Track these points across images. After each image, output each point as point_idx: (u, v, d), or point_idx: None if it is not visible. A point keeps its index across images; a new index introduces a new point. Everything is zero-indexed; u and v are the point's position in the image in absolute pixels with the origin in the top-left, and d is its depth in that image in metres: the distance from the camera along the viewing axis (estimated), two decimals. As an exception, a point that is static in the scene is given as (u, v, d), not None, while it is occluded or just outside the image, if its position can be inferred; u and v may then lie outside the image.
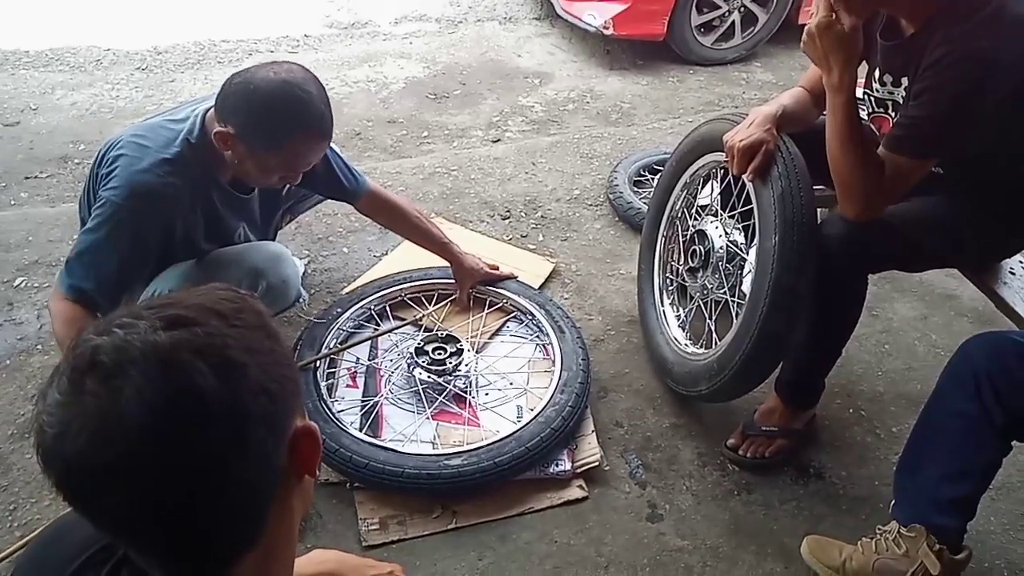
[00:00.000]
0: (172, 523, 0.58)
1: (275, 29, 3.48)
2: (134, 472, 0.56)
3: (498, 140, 2.96)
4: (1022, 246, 1.65)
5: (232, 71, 1.50)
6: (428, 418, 1.75)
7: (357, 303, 1.99)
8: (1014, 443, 1.37)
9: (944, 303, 2.22)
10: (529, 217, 2.50)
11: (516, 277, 2.08)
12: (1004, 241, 1.62)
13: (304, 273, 2.18)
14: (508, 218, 2.49)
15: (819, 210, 1.59)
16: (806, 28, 1.43)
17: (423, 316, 2.01)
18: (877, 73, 1.52)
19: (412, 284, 2.06)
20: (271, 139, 1.46)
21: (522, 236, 2.42)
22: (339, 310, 1.96)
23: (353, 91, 3.14)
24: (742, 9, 3.43)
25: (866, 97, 1.58)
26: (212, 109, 1.51)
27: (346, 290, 2.10)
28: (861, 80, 1.52)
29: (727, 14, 3.44)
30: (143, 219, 1.47)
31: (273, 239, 1.92)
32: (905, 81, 1.45)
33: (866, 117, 1.59)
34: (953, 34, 1.31)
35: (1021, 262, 1.74)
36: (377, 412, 1.77)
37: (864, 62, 1.51)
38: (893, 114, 1.51)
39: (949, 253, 1.63)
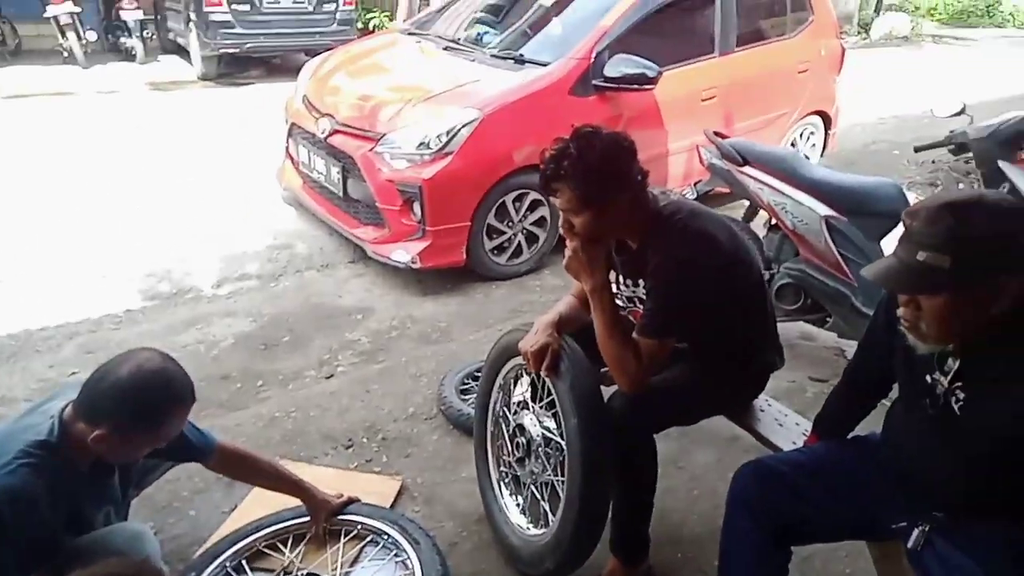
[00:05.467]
0: None
1: (94, 309, 3.57)
2: None
3: (331, 376, 3.18)
4: (761, 389, 2.11)
5: (52, 359, 1.64)
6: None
7: (211, 563, 1.99)
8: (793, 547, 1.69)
9: (731, 444, 2.62)
10: (371, 442, 2.68)
11: (359, 499, 2.19)
12: (745, 388, 2.08)
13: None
14: (351, 446, 2.65)
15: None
16: (565, 254, 1.87)
17: (283, 563, 2.05)
18: (621, 279, 1.99)
19: (266, 531, 2.10)
20: (150, 423, 1.61)
21: (367, 461, 2.58)
22: (193, 574, 1.96)
23: (182, 356, 3.21)
24: (524, 232, 4.07)
25: (619, 296, 2.03)
26: (68, 409, 1.61)
27: (198, 553, 2.10)
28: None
29: (513, 237, 4.05)
30: (22, 521, 1.49)
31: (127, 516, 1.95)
32: (641, 283, 1.91)
33: (624, 310, 2.03)
34: (660, 246, 1.79)
35: (767, 401, 2.19)
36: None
37: (612, 271, 1.98)
38: (640, 307, 1.94)
39: (710, 405, 2.05)
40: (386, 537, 2.10)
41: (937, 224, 1.27)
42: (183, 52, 9.49)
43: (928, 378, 1.43)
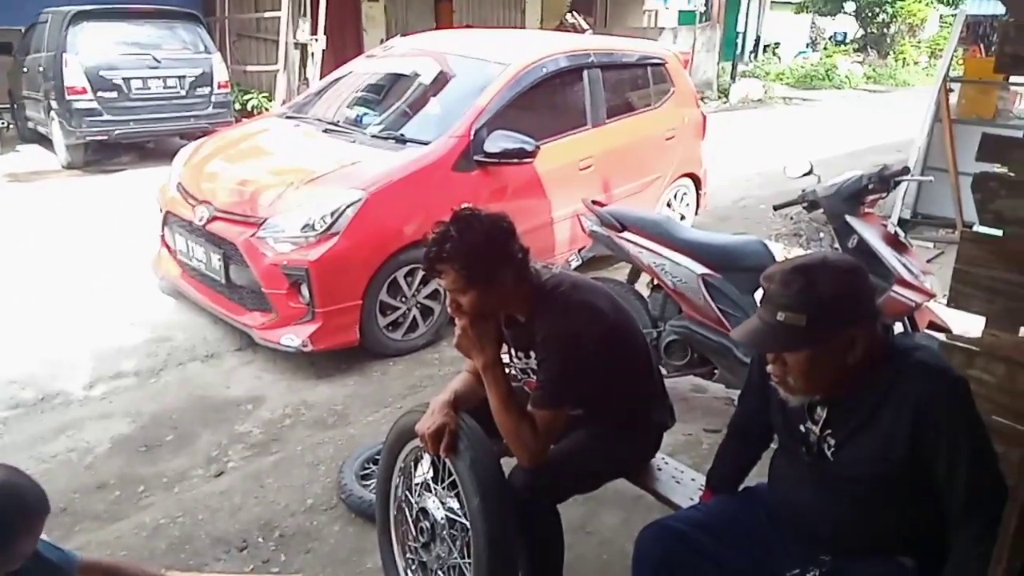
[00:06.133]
0: None
1: (-53, 422, 3.25)
2: None
3: (221, 473, 3.01)
4: (656, 448, 2.18)
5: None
6: None
7: None
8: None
9: (636, 503, 2.66)
10: (267, 540, 2.54)
11: None
12: (641, 449, 2.14)
13: None
14: (245, 548, 2.50)
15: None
16: (455, 332, 1.89)
17: None
18: (512, 351, 2.02)
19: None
20: (2, 542, 1.46)
21: (264, 562, 2.44)
22: None
23: (51, 466, 3.00)
24: (419, 305, 4.07)
25: (512, 367, 2.06)
26: None
27: None
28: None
29: (407, 312, 4.03)
30: None
31: None
32: (533, 354, 1.94)
33: (518, 382, 2.06)
34: (546, 319, 1.85)
35: (664, 459, 2.26)
36: None
37: (504, 344, 2.01)
38: (533, 377, 1.98)
39: (609, 470, 2.09)
40: (288, 645, 1.99)
41: (791, 286, 1.39)
42: (45, 140, 9.03)
43: (801, 427, 1.54)
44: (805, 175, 3.27)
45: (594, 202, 3.54)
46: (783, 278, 1.41)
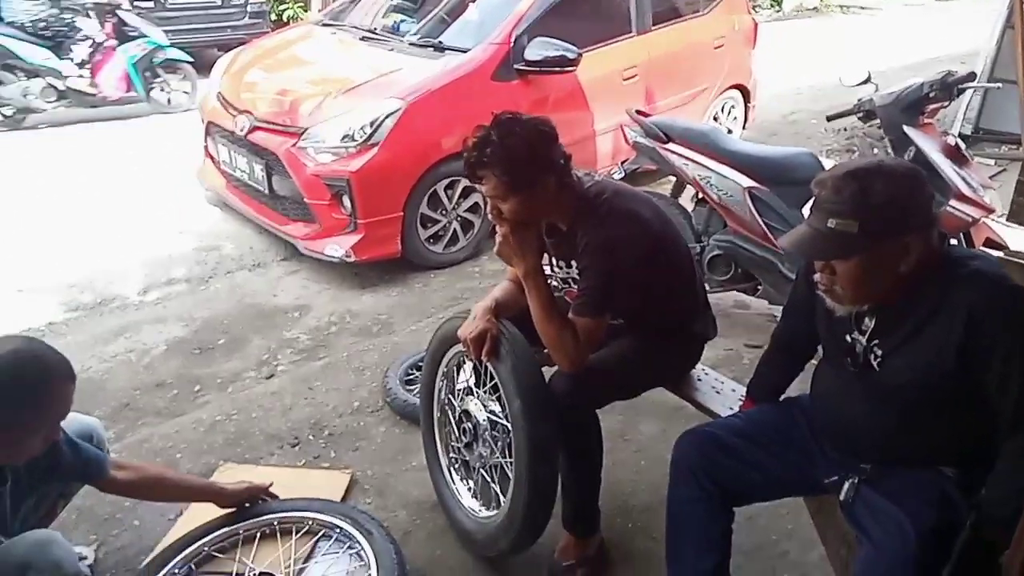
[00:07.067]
0: None
1: (14, 324, 3.40)
2: None
3: (272, 376, 3.13)
4: (696, 359, 2.19)
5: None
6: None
7: (159, 571, 1.96)
8: (736, 508, 1.77)
9: (675, 414, 2.70)
10: (317, 438, 2.66)
11: (269, 485, 2.17)
12: (682, 359, 2.15)
13: (96, 560, 2.11)
14: (297, 444, 2.63)
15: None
16: (496, 240, 1.89)
17: (235, 565, 2.03)
18: (554, 261, 2.03)
19: (214, 535, 2.07)
20: (32, 406, 1.56)
21: (315, 457, 2.56)
22: (142, 584, 1.93)
23: (112, 365, 3.16)
24: (459, 219, 4.07)
25: (553, 278, 2.06)
26: None
27: (145, 562, 2.06)
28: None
29: (448, 224, 4.04)
30: None
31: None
32: (574, 263, 1.94)
33: (558, 292, 2.07)
34: (588, 227, 1.83)
35: (704, 370, 2.27)
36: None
37: (544, 254, 2.01)
38: (574, 287, 1.98)
39: (649, 378, 2.11)
40: (338, 530, 2.10)
41: (843, 192, 1.35)
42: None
43: (848, 338, 1.52)
44: (862, 83, 3.12)
45: (638, 112, 3.45)
46: (835, 183, 1.36)
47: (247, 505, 2.11)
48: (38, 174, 5.24)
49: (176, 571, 1.99)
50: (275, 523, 2.11)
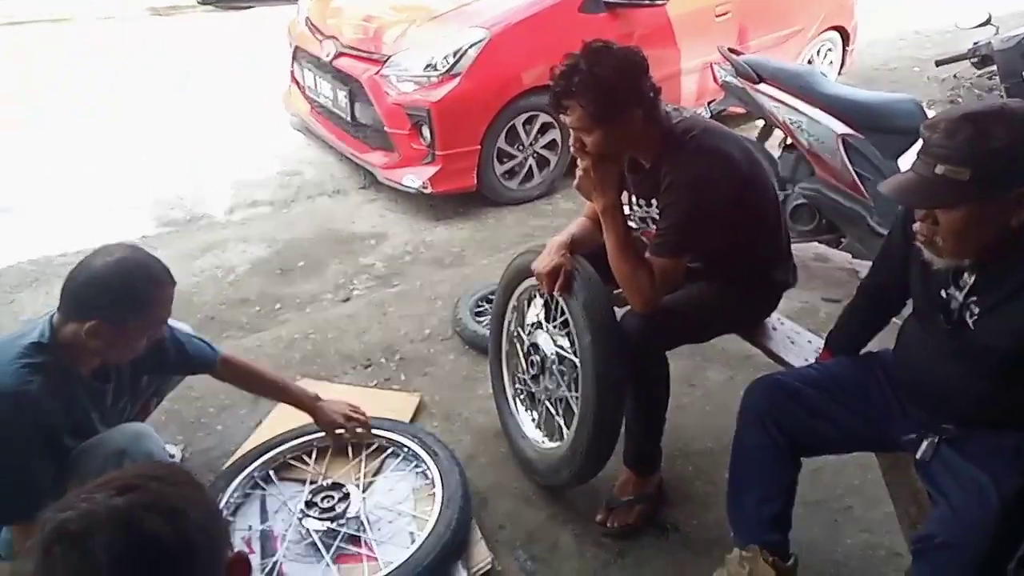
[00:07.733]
0: None
1: (110, 235, 3.58)
2: None
3: (348, 299, 3.22)
4: (773, 307, 2.14)
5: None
6: (329, 564, 1.87)
7: (240, 473, 2.09)
8: (803, 459, 1.75)
9: (744, 363, 2.67)
10: (389, 362, 2.74)
11: (370, 428, 2.22)
12: (758, 307, 2.10)
13: (183, 459, 2.27)
14: (370, 366, 2.72)
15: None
16: (577, 173, 1.86)
17: (309, 474, 2.14)
18: (634, 199, 1.98)
19: (291, 444, 2.20)
20: (139, 307, 1.66)
21: (386, 379, 2.65)
22: (223, 483, 2.05)
23: (200, 279, 3.31)
24: (535, 155, 4.03)
25: (632, 217, 2.03)
26: (56, 315, 1.66)
27: (226, 464, 2.20)
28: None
29: (524, 161, 4.01)
30: (25, 418, 1.55)
31: None
32: (655, 202, 1.90)
33: (636, 231, 2.04)
34: (674, 164, 1.78)
35: (779, 319, 2.22)
36: (278, 572, 1.87)
37: (624, 191, 1.97)
38: (653, 227, 1.95)
39: (722, 324, 2.07)
40: (406, 449, 2.18)
41: (956, 136, 1.25)
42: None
43: (943, 293, 1.45)
44: (980, 26, 2.89)
45: (730, 50, 3.29)
46: (948, 126, 1.27)
47: (338, 432, 2.17)
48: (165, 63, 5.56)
49: (255, 475, 2.12)
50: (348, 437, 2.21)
